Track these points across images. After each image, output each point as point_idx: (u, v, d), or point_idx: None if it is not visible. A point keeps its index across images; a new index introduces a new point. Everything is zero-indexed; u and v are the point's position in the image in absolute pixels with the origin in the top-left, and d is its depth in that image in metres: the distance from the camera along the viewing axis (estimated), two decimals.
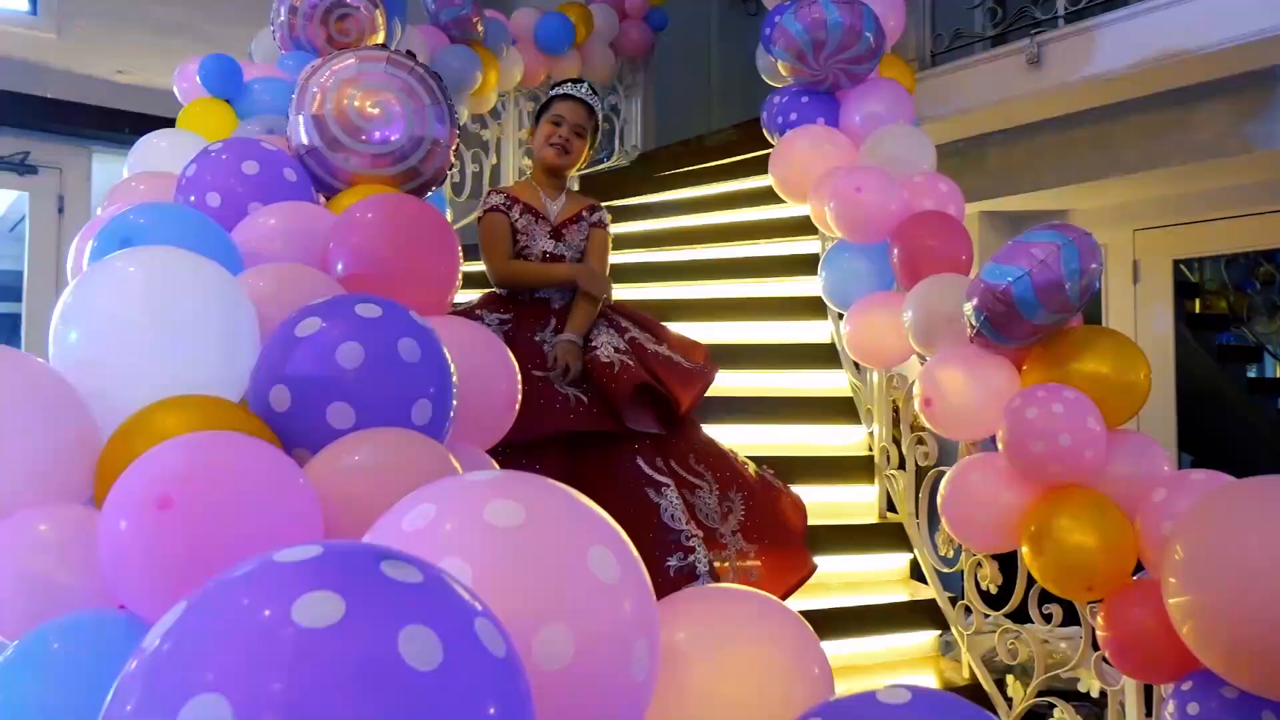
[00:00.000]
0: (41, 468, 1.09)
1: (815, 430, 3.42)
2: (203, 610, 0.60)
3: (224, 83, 2.55)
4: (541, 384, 2.50)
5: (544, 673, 0.79)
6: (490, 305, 2.69)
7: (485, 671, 0.61)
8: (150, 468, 0.94)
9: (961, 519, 2.36)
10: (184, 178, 1.94)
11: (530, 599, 0.80)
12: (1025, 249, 2.24)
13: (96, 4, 5.48)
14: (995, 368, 2.39)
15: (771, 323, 3.80)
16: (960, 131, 4.49)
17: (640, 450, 2.50)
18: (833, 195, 2.83)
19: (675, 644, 1.04)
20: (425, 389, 1.26)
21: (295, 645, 0.56)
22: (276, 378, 1.21)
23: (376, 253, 1.60)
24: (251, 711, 0.54)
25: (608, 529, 0.89)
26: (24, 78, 5.26)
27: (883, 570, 3.12)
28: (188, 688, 0.55)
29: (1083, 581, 2.14)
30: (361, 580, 0.61)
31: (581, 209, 2.81)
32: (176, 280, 1.25)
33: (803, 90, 3.32)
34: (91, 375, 1.18)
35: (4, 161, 5.30)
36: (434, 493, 0.87)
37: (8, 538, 1.02)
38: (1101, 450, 2.20)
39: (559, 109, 2.75)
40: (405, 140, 2.09)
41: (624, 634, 0.84)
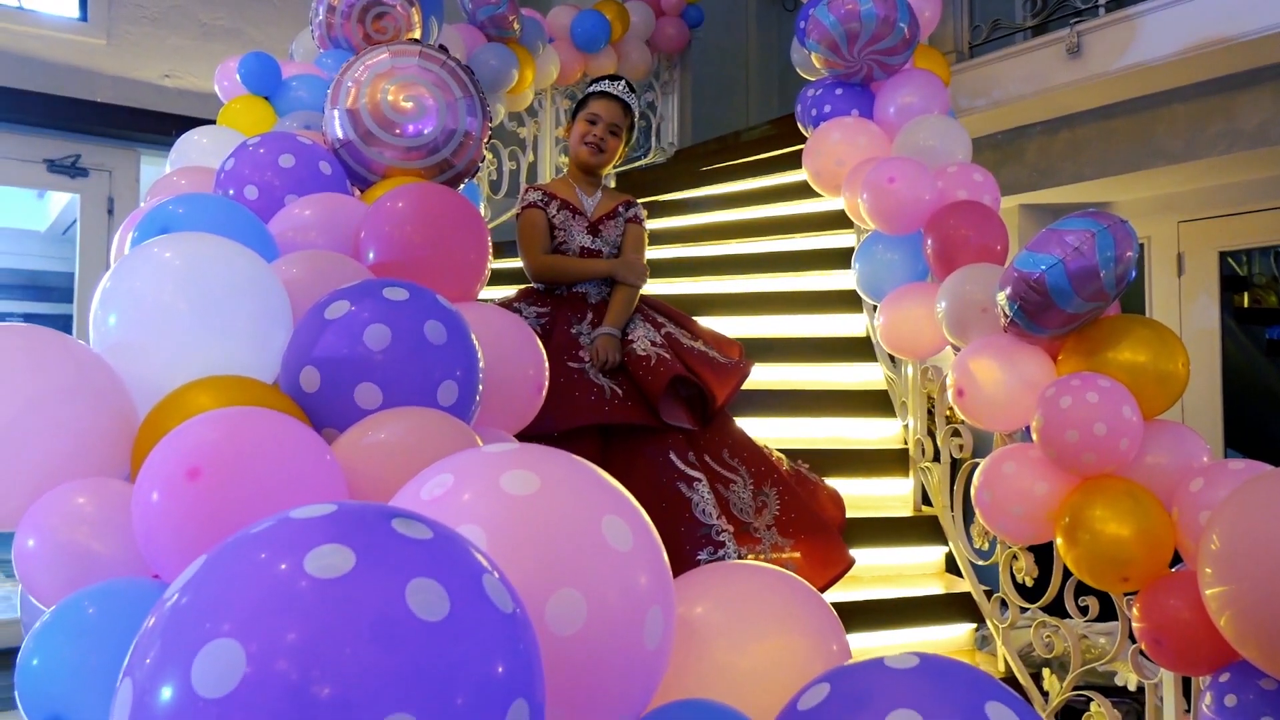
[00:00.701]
0: (81, 445, 1.13)
1: (850, 424, 3.41)
2: (220, 563, 0.62)
3: (263, 80, 2.60)
4: (577, 376, 2.52)
5: (557, 638, 0.80)
6: (528, 299, 2.72)
7: (492, 625, 0.63)
8: (180, 441, 0.98)
9: (994, 510, 2.34)
10: (223, 171, 1.99)
11: (544, 565, 0.81)
12: (1059, 236, 2.22)
13: (144, 10, 5.60)
14: (1029, 357, 2.37)
15: (807, 316, 3.79)
16: (999, 123, 4.45)
17: (673, 444, 2.52)
18: (865, 187, 2.82)
19: (694, 617, 1.06)
20: (451, 371, 1.28)
21: (306, 594, 0.58)
22: (306, 359, 1.24)
23: (407, 240, 1.62)
24: (263, 656, 0.56)
25: (622, 499, 0.90)
26: (75, 82, 5.39)
27: (918, 564, 3.10)
28: (203, 634, 0.57)
29: (1118, 573, 2.11)
30: (372, 535, 0.63)
31: (618, 204, 2.83)
32: (211, 265, 1.29)
33: (837, 82, 3.31)
34: (129, 357, 1.22)
35: (56, 164, 5.42)
36: (452, 464, 0.90)
37: (48, 510, 1.06)
38: (1137, 440, 2.17)
39: (595, 107, 2.77)
40: (438, 133, 2.12)
41: (637, 601, 0.85)
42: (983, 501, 2.37)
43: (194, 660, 0.57)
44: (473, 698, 0.59)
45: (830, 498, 2.86)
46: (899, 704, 0.71)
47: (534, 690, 0.65)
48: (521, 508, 0.84)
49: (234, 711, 0.55)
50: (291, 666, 0.56)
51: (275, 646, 0.56)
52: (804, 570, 2.51)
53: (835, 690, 0.76)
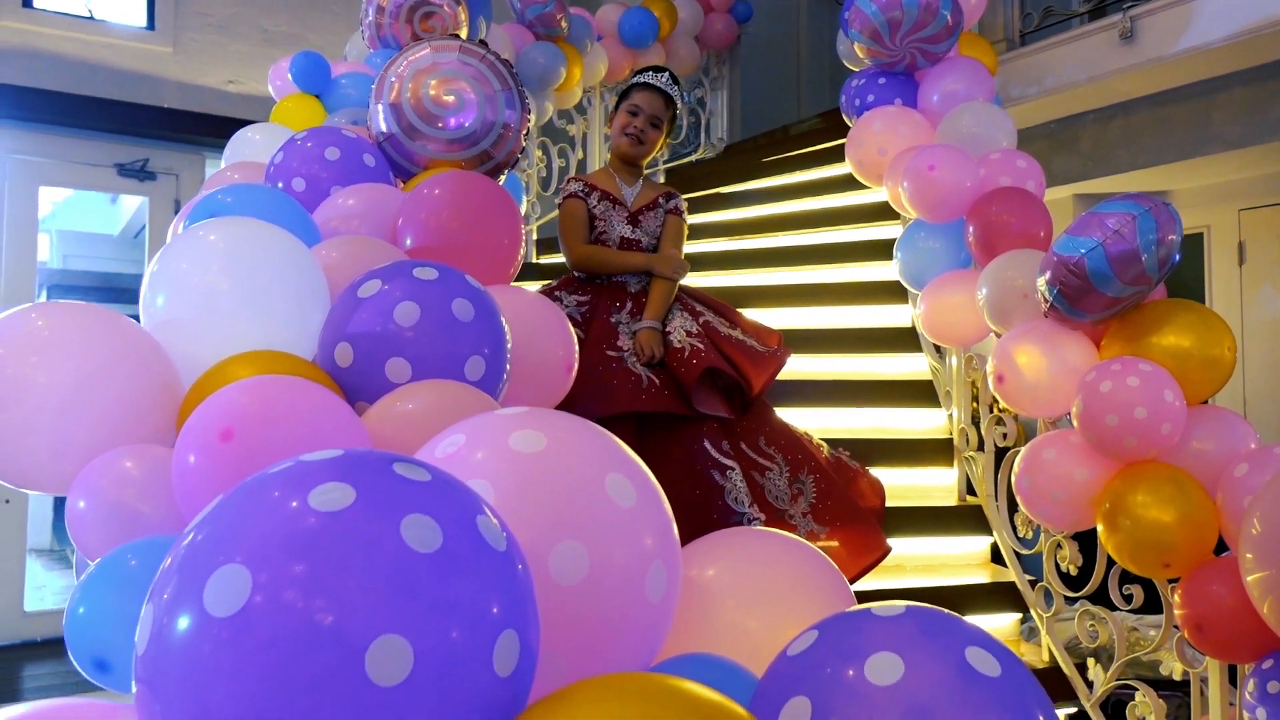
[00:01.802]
0: (130, 414, 1.20)
1: (895, 414, 3.40)
2: (233, 501, 0.67)
3: (313, 79, 2.69)
4: (615, 364, 2.56)
5: (560, 587, 0.84)
6: (568, 287, 2.77)
7: (484, 560, 0.67)
8: (215, 405, 1.04)
9: (1035, 496, 2.33)
10: (272, 165, 2.07)
11: (548, 518, 0.85)
12: (1099, 219, 2.20)
13: (208, 18, 5.78)
14: (1071, 343, 2.35)
15: (853, 308, 3.80)
16: (1051, 112, 4.39)
17: (707, 432, 2.54)
18: (906, 175, 2.82)
19: (705, 579, 1.09)
20: (479, 347, 1.33)
21: (309, 525, 0.63)
22: (340, 335, 1.30)
23: (442, 226, 1.68)
24: (268, 579, 0.61)
25: (626, 459, 0.94)
26: (143, 89, 5.58)
27: (963, 553, 3.08)
28: (215, 561, 0.62)
29: (1159, 559, 2.09)
30: (373, 475, 0.67)
31: (658, 195, 2.87)
32: (253, 248, 1.35)
33: (880, 72, 3.31)
34: (175, 334, 1.29)
35: (125, 168, 5.62)
36: (465, 425, 0.94)
37: (98, 474, 1.13)
38: (1180, 424, 2.14)
39: (637, 98, 2.81)
40: (477, 125, 2.18)
41: (639, 556, 0.89)
42: (1023, 488, 2.36)
43: (206, 584, 0.62)
44: (462, 625, 0.63)
45: (870, 485, 2.86)
46: (881, 647, 0.74)
47: (525, 625, 0.69)
48: (528, 464, 0.88)
49: (241, 629, 0.60)
50: (293, 589, 0.60)
51: (279, 571, 0.61)
52: (839, 557, 2.52)
53: (822, 636, 0.78)
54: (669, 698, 0.65)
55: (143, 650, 0.64)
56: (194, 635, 0.61)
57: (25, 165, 5.28)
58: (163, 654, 0.62)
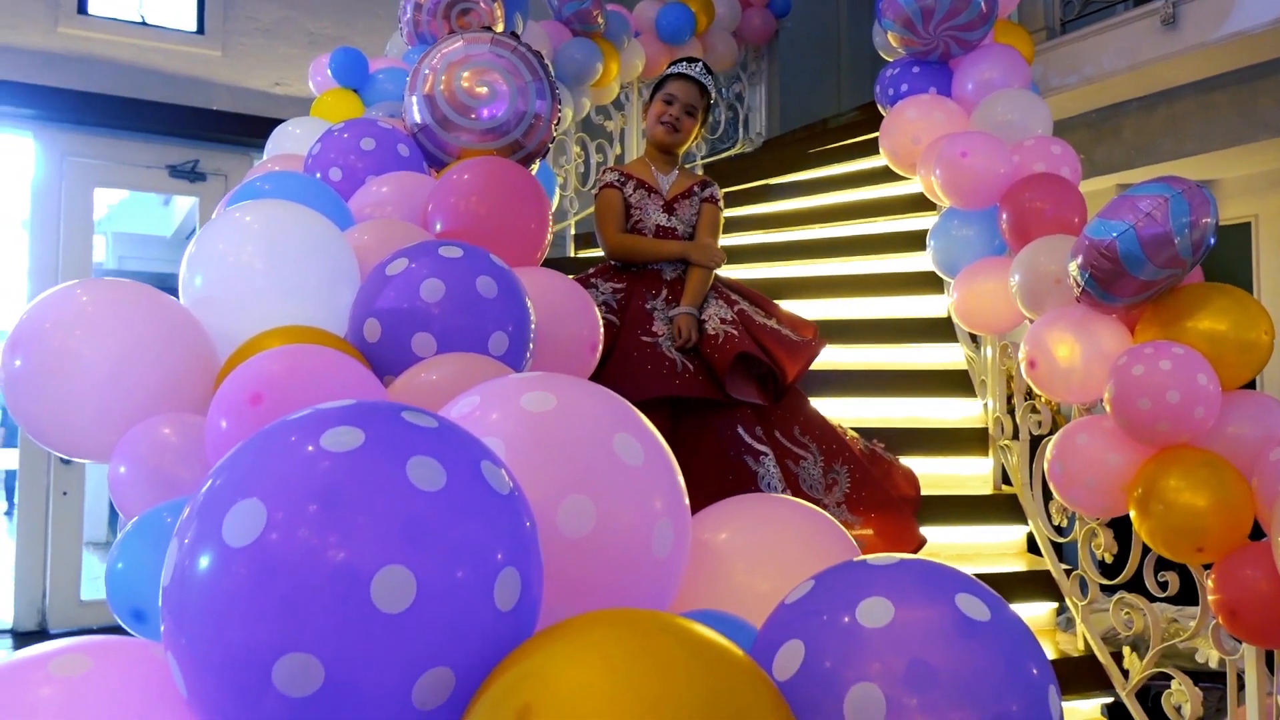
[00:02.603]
0: (169, 385, 1.26)
1: (931, 403, 3.40)
2: (252, 444, 0.71)
3: (352, 74, 2.75)
4: (649, 350, 2.59)
5: (567, 539, 0.87)
6: (604, 275, 2.80)
7: (486, 501, 0.70)
8: (245, 372, 1.08)
9: (1067, 482, 2.32)
10: (310, 156, 2.13)
11: (556, 473, 0.88)
12: (1131, 202, 2.19)
13: (256, 22, 5.91)
14: (1104, 328, 2.34)
15: (889, 298, 3.79)
16: (1093, 101, 4.35)
17: (741, 419, 2.56)
18: (938, 162, 2.82)
19: (717, 542, 1.12)
20: (502, 323, 1.37)
21: (319, 463, 0.67)
22: (369, 311, 1.35)
23: (471, 211, 1.72)
24: (281, 511, 0.65)
25: (635, 421, 0.97)
26: (193, 92, 5.72)
27: (998, 543, 3.07)
28: (232, 497, 0.66)
29: (1192, 543, 2.07)
30: (382, 421, 0.71)
31: (693, 184, 2.89)
32: (285, 229, 1.40)
33: (914, 61, 3.31)
34: (212, 310, 1.35)
35: (177, 169, 5.77)
36: (480, 388, 0.98)
37: (138, 440, 1.18)
38: (1213, 408, 2.12)
39: (672, 88, 2.83)
40: (509, 116, 2.22)
41: (646, 512, 0.91)
42: (1055, 474, 2.35)
43: (225, 518, 0.66)
44: (463, 559, 0.67)
45: (905, 476, 2.86)
46: (873, 593, 0.76)
47: (527, 564, 0.72)
48: (538, 423, 0.91)
49: (256, 557, 0.64)
50: (303, 521, 0.64)
51: (291, 505, 0.65)
52: (874, 547, 2.53)
53: (818, 585, 0.81)
54: (666, 630, 0.68)
55: (168, 582, 0.68)
56: (213, 565, 0.65)
57: (81, 167, 5.44)
58: (185, 584, 0.66)
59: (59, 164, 5.38)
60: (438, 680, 0.66)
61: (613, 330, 2.62)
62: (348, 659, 0.63)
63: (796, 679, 0.74)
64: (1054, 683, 0.76)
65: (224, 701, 0.65)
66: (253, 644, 0.63)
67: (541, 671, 0.63)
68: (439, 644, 0.65)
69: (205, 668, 0.65)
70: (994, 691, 0.71)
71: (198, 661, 0.65)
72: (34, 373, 1.23)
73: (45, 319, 1.24)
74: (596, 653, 0.64)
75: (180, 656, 0.67)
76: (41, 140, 5.34)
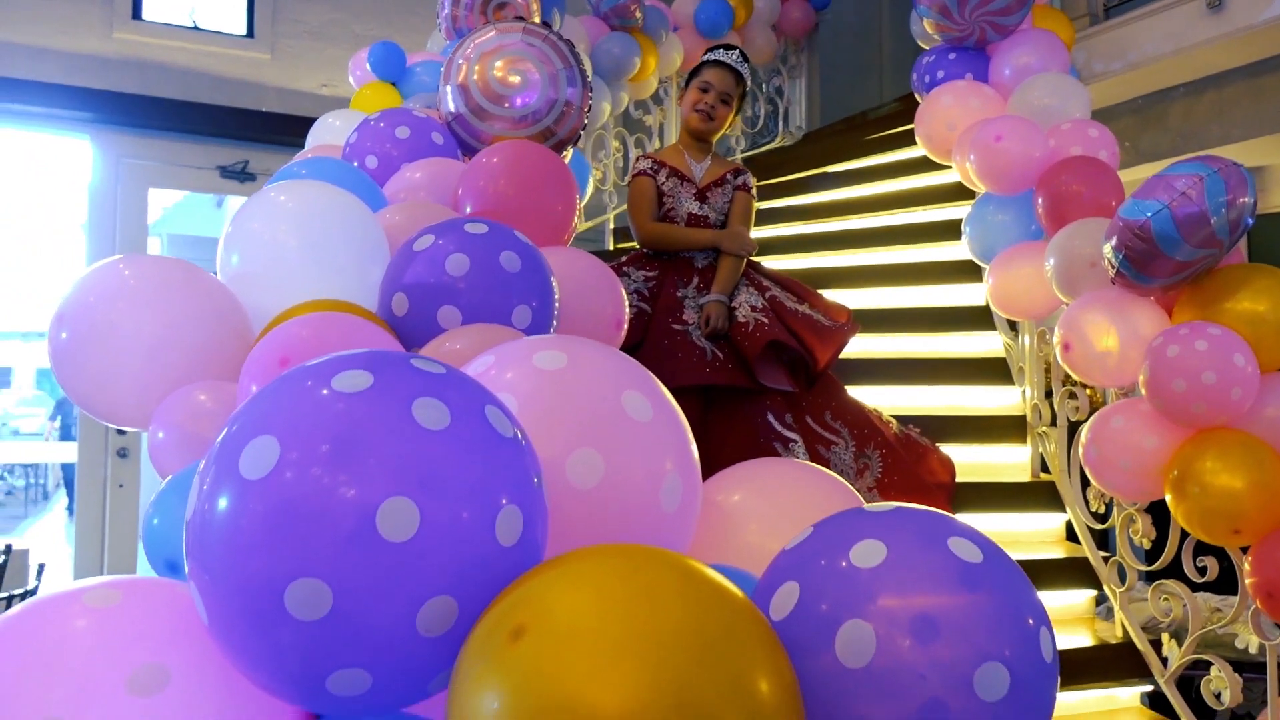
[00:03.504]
0: (206, 356, 1.31)
1: (969, 391, 3.38)
2: (269, 388, 0.75)
3: (390, 67, 2.81)
4: (680, 338, 2.61)
5: (576, 490, 0.90)
6: (636, 263, 2.83)
7: (489, 442, 0.73)
8: (276, 337, 1.13)
9: (1102, 465, 2.30)
10: (348, 145, 2.19)
11: (566, 427, 0.91)
12: (1166, 182, 2.17)
13: (304, 25, 6.03)
14: (1140, 310, 2.32)
15: (929, 287, 3.78)
16: (1138, 87, 4.28)
17: (771, 406, 2.57)
18: (973, 147, 2.80)
19: (730, 503, 1.14)
20: (526, 297, 1.40)
21: (329, 402, 0.70)
22: (397, 286, 1.39)
23: (499, 193, 1.76)
24: (293, 445, 0.68)
25: (646, 380, 0.99)
26: (242, 94, 5.85)
27: (1037, 530, 3.05)
28: (248, 435, 0.70)
29: (1228, 525, 2.05)
30: (391, 365, 0.75)
31: (726, 172, 2.90)
32: (317, 208, 1.45)
33: (950, 47, 3.29)
34: (247, 286, 1.40)
35: (227, 170, 5.90)
36: (496, 349, 1.01)
37: (175, 407, 1.24)
38: (1251, 389, 2.10)
39: (707, 75, 2.85)
40: (541, 104, 2.26)
41: (653, 467, 0.94)
42: (1090, 458, 2.33)
43: (241, 453, 0.70)
44: (464, 494, 0.70)
45: (941, 462, 2.85)
46: (867, 536, 0.78)
47: (529, 504, 0.75)
48: (549, 380, 0.94)
49: (269, 488, 0.67)
50: (314, 454, 0.68)
51: (302, 440, 0.69)
52: None
53: (816, 531, 0.83)
54: (663, 563, 0.70)
55: (189, 517, 0.72)
56: (230, 497, 0.69)
57: (136, 169, 5.59)
58: (205, 517, 0.70)
59: (115, 166, 5.54)
60: (441, 609, 0.69)
61: (644, 318, 2.65)
62: (355, 585, 0.66)
63: (791, 618, 0.76)
64: (1047, 625, 0.77)
65: (241, 626, 0.69)
66: (266, 570, 0.67)
67: (537, 595, 0.66)
68: (442, 574, 0.69)
69: (222, 594, 0.69)
70: (984, 630, 0.72)
71: (216, 589, 0.69)
72: (79, 345, 1.29)
73: (89, 293, 1.30)
74: (592, 580, 0.67)
75: (201, 585, 0.71)
76: (98, 143, 5.50)
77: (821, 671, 0.73)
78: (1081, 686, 2.59)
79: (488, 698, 0.62)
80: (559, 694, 0.61)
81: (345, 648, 0.68)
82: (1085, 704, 2.61)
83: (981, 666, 0.71)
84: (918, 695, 0.70)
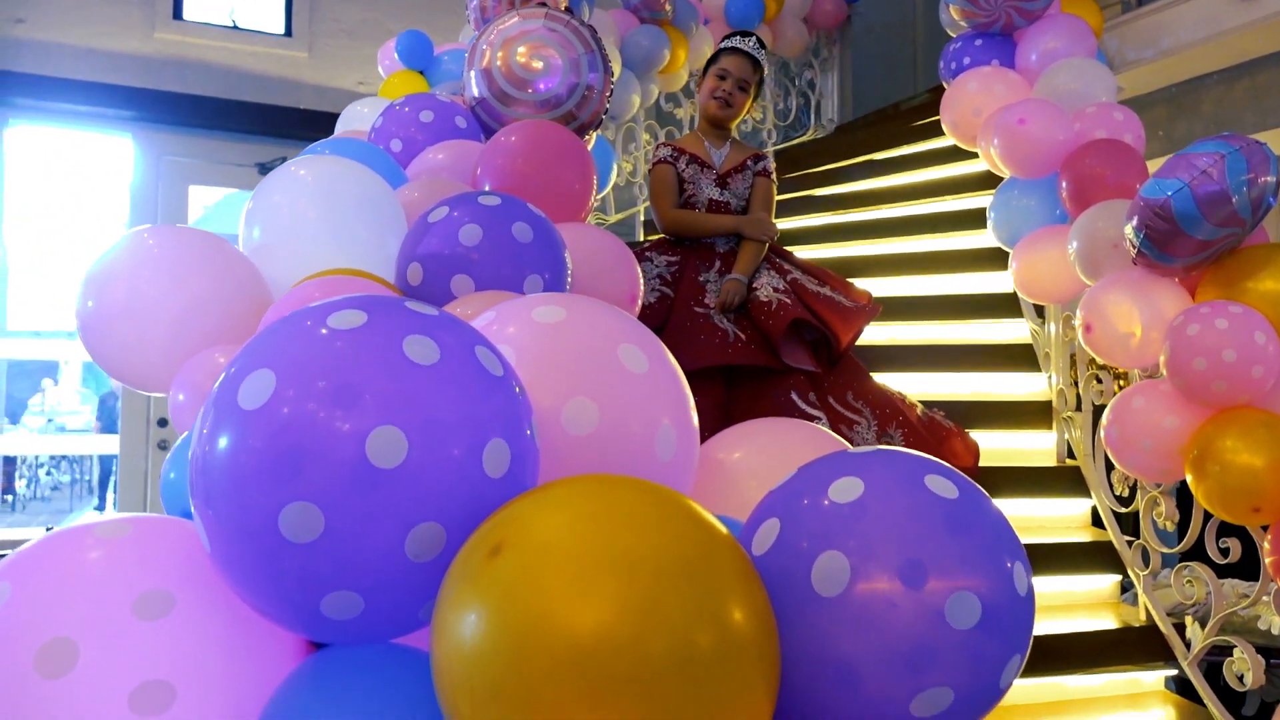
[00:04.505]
0: (227, 324, 1.36)
1: (996, 378, 3.37)
2: (269, 328, 0.79)
3: (417, 56, 2.86)
4: (702, 320, 2.64)
5: (571, 437, 0.93)
6: (659, 248, 2.86)
7: (477, 378, 0.76)
8: (291, 298, 1.17)
9: (1124, 446, 2.29)
10: (373, 130, 2.23)
11: (562, 376, 0.94)
12: (1188, 160, 2.15)
13: (340, 24, 6.12)
14: (1162, 290, 2.30)
15: (957, 275, 3.77)
16: (1171, 75, 4.23)
17: (794, 385, 2.59)
18: (996, 130, 2.80)
19: (731, 461, 1.17)
20: (538, 267, 1.43)
21: (324, 338, 0.74)
22: (412, 257, 1.43)
23: (518, 171, 1.79)
24: (288, 377, 0.72)
25: (643, 333, 1.02)
26: (281, 92, 5.96)
27: (1062, 515, 3.03)
28: (247, 370, 0.74)
29: (1248, 503, 2.03)
30: (386, 306, 0.78)
31: (746, 158, 2.92)
32: (337, 182, 1.50)
33: (976, 34, 3.28)
34: (268, 257, 1.45)
35: (266, 167, 6.00)
36: (498, 306, 1.04)
37: (195, 369, 1.28)
38: (1273, 368, 2.08)
39: (725, 63, 2.88)
40: (563, 89, 2.30)
41: (648, 416, 0.97)
42: (1111, 438, 2.32)
43: (240, 387, 0.73)
44: (452, 425, 0.73)
45: (965, 446, 2.85)
46: (846, 473, 0.80)
47: (517, 439, 0.78)
48: (547, 332, 0.97)
49: (265, 417, 0.71)
50: (308, 386, 0.71)
51: (297, 372, 0.72)
52: None
53: (800, 472, 0.85)
54: (645, 491, 0.73)
55: (192, 451, 0.76)
56: (230, 428, 0.72)
57: (177, 166, 5.71)
58: (206, 448, 0.74)
59: (156, 164, 5.67)
60: (429, 535, 0.72)
61: (667, 302, 2.68)
62: (345, 508, 0.70)
63: (770, 553, 0.79)
64: (1023, 560, 0.79)
65: (239, 551, 0.73)
66: (261, 495, 0.70)
67: (516, 515, 0.69)
68: (429, 501, 0.72)
69: (222, 519, 0.73)
70: (956, 561, 0.74)
71: (216, 515, 0.73)
72: (105, 313, 1.35)
73: (116, 262, 1.36)
74: (572, 502, 0.70)
75: (202, 514, 0.75)
76: (140, 141, 5.63)
77: (798, 602, 0.75)
78: (1105, 670, 2.58)
79: (466, 613, 0.65)
80: (534, 609, 0.64)
81: (337, 570, 0.71)
82: (1110, 687, 2.59)
83: (953, 596, 0.73)
84: (890, 623, 0.73)
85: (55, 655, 0.72)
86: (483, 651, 0.63)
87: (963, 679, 0.74)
